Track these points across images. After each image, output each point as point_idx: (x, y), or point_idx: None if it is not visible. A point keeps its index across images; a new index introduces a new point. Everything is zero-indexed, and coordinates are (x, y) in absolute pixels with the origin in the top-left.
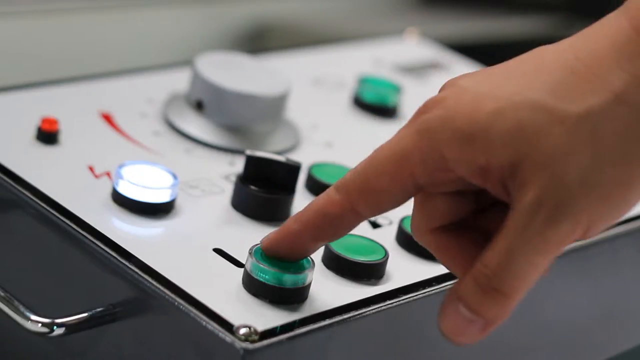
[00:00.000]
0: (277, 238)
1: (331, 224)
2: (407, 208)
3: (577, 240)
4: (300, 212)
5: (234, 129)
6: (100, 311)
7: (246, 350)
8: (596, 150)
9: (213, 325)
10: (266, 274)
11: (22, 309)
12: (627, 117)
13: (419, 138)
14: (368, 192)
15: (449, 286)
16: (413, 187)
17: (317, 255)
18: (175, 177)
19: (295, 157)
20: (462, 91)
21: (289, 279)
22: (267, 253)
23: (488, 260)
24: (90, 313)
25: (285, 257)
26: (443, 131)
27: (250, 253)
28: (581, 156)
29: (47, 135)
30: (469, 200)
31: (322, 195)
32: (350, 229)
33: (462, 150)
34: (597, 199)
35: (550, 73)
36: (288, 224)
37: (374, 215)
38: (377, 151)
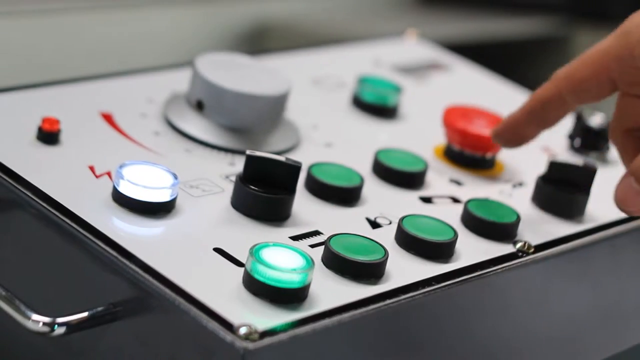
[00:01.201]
0: (503, 127)
1: (543, 108)
2: (406, 208)
3: None
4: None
5: (234, 129)
6: (101, 310)
7: (246, 350)
8: None
9: (213, 325)
10: (266, 273)
11: (23, 308)
12: None
13: (617, 39)
14: (571, 78)
15: (448, 286)
16: (607, 81)
17: (317, 255)
18: (175, 176)
19: (295, 157)
20: None
21: (288, 278)
22: (495, 141)
23: None
24: (91, 312)
25: (509, 142)
26: (635, 33)
27: (250, 252)
28: None
29: (48, 135)
30: None
31: (539, 87)
32: (558, 115)
33: None
34: None
35: None
36: (510, 114)
37: (575, 102)
38: (586, 51)
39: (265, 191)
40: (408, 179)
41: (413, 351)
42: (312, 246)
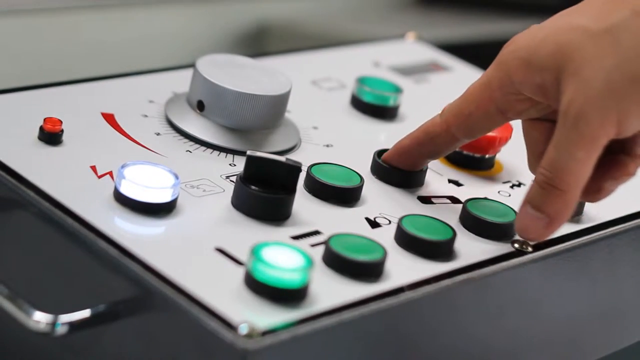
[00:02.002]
0: (392, 151)
1: (432, 141)
2: (405, 208)
3: (615, 137)
4: (412, 131)
5: (234, 129)
6: (102, 309)
7: (247, 349)
8: (618, 55)
9: (214, 324)
10: (267, 273)
11: (25, 306)
12: None
13: (496, 69)
14: (460, 115)
15: (447, 285)
16: (495, 111)
17: (318, 255)
18: (176, 176)
19: (295, 157)
20: (529, 29)
21: (289, 277)
22: (387, 163)
23: (543, 162)
24: (92, 311)
25: (400, 167)
26: (512, 61)
27: (251, 252)
28: (605, 61)
29: (50, 136)
30: None
31: (430, 119)
32: (448, 149)
33: (524, 74)
34: (621, 96)
35: (590, 3)
36: (401, 140)
37: (466, 137)
38: (470, 86)
39: (266, 191)
40: (407, 179)
41: (412, 350)
42: (313, 246)
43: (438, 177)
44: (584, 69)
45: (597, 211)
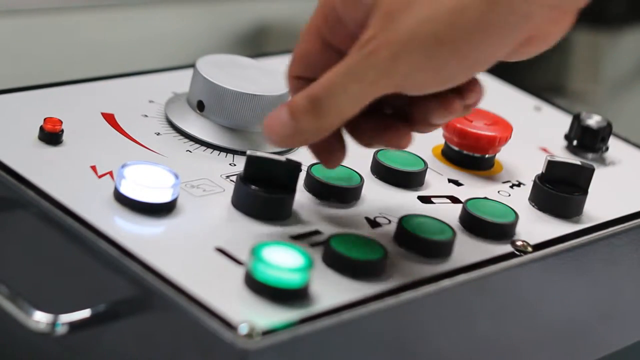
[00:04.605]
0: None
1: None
2: (405, 208)
3: (400, 91)
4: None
5: (234, 129)
6: (103, 310)
7: (247, 349)
8: (432, 9)
9: (214, 324)
10: (267, 272)
11: (25, 306)
12: None
13: (321, 4)
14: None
15: (447, 285)
16: (321, 42)
17: (318, 254)
18: (176, 176)
19: (295, 157)
20: None
21: (289, 277)
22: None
23: (321, 77)
24: (92, 311)
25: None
26: None
27: (251, 252)
28: (419, 10)
29: (50, 136)
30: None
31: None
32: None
33: (345, 7)
34: (419, 49)
35: None
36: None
37: (312, 75)
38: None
39: (266, 191)
40: (407, 179)
41: (412, 350)
42: (313, 245)
43: (438, 177)
44: (396, 13)
45: (597, 211)
